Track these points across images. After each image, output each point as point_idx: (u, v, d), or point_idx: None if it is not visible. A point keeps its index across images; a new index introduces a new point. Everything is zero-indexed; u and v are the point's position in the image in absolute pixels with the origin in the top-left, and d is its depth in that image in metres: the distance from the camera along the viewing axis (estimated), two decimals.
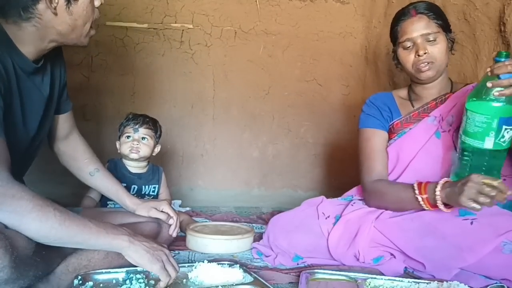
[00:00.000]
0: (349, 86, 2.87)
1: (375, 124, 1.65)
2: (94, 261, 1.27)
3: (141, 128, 1.92)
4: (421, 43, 1.49)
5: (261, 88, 2.80)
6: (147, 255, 1.15)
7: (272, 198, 2.77)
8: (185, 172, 2.76)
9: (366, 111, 1.69)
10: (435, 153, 1.54)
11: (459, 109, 1.48)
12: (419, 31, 1.49)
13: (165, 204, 1.64)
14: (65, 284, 1.20)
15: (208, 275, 1.25)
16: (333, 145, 2.86)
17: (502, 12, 1.77)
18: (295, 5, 2.78)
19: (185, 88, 2.72)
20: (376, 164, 1.59)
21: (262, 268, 1.51)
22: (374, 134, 1.64)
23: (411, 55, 1.52)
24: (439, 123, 1.55)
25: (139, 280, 1.20)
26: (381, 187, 1.54)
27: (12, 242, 0.96)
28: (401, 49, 1.55)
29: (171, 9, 2.65)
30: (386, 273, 1.40)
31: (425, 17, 1.50)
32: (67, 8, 1.20)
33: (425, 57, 1.48)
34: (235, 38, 2.74)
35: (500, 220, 1.32)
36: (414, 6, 1.54)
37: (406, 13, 1.54)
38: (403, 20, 1.54)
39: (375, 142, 1.63)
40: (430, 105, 1.59)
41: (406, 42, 1.52)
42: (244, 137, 2.83)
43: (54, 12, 1.17)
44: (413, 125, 1.59)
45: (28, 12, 1.15)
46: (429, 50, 1.49)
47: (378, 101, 1.68)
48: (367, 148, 1.63)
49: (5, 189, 1.00)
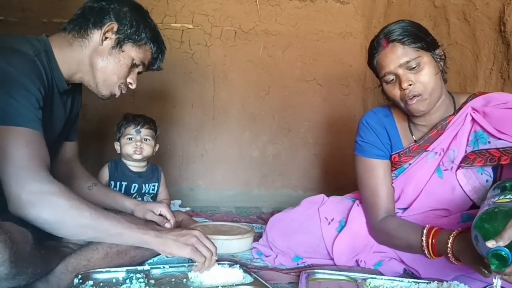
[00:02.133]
0: (349, 86, 2.87)
1: (375, 154, 1.48)
2: (94, 261, 1.27)
3: (143, 129, 1.95)
4: (402, 74, 1.31)
5: (261, 88, 2.81)
6: (176, 243, 1.20)
7: (272, 198, 2.77)
8: (185, 172, 2.76)
9: (364, 137, 1.50)
10: (440, 195, 1.42)
11: (461, 141, 1.38)
12: (395, 62, 1.31)
13: (163, 206, 1.61)
14: (65, 283, 1.20)
15: (208, 275, 1.25)
16: (333, 145, 2.86)
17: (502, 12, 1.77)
18: (295, 5, 2.78)
19: (185, 88, 2.72)
20: (382, 200, 1.44)
21: (262, 268, 1.51)
22: (376, 165, 1.47)
23: (396, 89, 1.34)
24: (441, 157, 1.41)
25: (139, 279, 1.19)
26: (389, 228, 1.40)
27: (11, 236, 0.96)
28: (384, 83, 1.38)
29: (171, 9, 2.65)
30: (386, 273, 1.39)
31: (399, 45, 1.31)
32: (111, 48, 1.34)
33: (410, 89, 1.30)
34: (235, 38, 2.74)
35: None
36: (384, 34, 1.35)
37: (377, 45, 1.36)
38: (375, 53, 1.36)
39: (378, 175, 1.46)
40: (431, 135, 1.42)
41: (387, 76, 1.34)
42: (244, 137, 2.83)
43: (100, 43, 1.33)
44: (413, 160, 1.44)
45: (85, 31, 1.32)
46: (414, 79, 1.30)
47: (376, 125, 1.49)
48: (369, 181, 1.47)
49: (45, 187, 1.06)
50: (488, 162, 1.33)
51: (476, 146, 1.36)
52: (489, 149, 1.34)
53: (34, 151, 1.09)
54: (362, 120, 1.52)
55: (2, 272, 0.94)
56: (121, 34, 1.35)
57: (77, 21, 1.34)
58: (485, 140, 1.36)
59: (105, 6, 1.35)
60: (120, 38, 1.35)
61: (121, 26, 1.35)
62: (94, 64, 1.34)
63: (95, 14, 1.33)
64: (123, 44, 1.36)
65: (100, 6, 1.35)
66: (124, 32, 1.35)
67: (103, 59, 1.34)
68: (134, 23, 1.36)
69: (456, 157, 1.38)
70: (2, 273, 0.94)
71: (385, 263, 1.44)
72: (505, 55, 1.79)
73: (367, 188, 1.47)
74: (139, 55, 1.40)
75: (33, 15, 2.48)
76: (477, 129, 1.36)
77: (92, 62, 1.34)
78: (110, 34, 1.34)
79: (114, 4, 1.36)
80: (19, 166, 1.06)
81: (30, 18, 2.48)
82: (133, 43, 1.38)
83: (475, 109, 1.37)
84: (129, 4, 1.39)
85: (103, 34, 1.32)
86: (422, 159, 1.43)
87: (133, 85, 1.43)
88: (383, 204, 1.44)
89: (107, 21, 1.33)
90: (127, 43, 1.37)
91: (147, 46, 1.41)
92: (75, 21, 1.34)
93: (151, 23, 1.44)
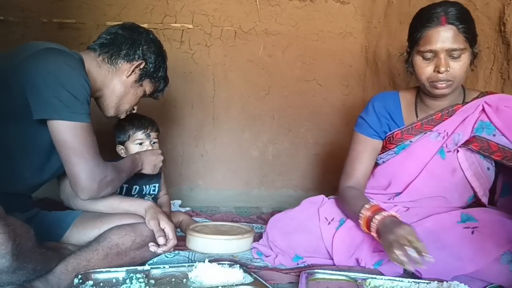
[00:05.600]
0: (349, 86, 2.87)
1: (368, 133, 1.58)
2: (93, 261, 1.27)
3: (152, 132, 1.95)
4: (444, 58, 1.32)
5: (261, 88, 2.80)
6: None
7: (272, 198, 2.77)
8: (185, 172, 2.76)
9: (364, 117, 1.60)
10: (440, 175, 1.46)
11: (467, 125, 1.42)
12: (445, 44, 1.31)
13: (166, 223, 1.45)
14: (65, 283, 1.20)
15: (208, 275, 1.25)
16: (333, 145, 2.86)
17: (502, 12, 1.77)
18: (295, 5, 2.78)
19: (185, 88, 2.72)
20: (356, 171, 1.56)
21: (262, 268, 1.51)
22: (364, 141, 1.58)
23: (429, 68, 1.36)
24: (444, 140, 1.45)
25: (139, 279, 1.20)
26: (347, 196, 1.52)
27: (14, 229, 0.97)
28: (419, 57, 1.38)
29: (171, 9, 2.65)
30: (386, 273, 1.39)
31: (455, 28, 1.30)
32: (134, 82, 1.53)
33: (444, 75, 1.33)
34: (235, 38, 2.74)
35: (502, 229, 1.30)
36: (444, 12, 1.32)
37: (434, 19, 1.32)
38: (428, 26, 1.33)
39: (362, 149, 1.58)
40: (435, 117, 1.48)
41: (428, 52, 1.34)
42: (244, 137, 2.83)
43: (128, 75, 1.50)
44: (414, 138, 1.50)
45: (116, 60, 1.48)
46: (451, 66, 1.33)
47: (381, 106, 1.56)
48: (353, 152, 1.60)
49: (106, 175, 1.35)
50: (482, 150, 1.40)
51: (479, 133, 1.42)
52: (490, 140, 1.41)
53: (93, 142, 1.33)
54: (371, 100, 1.61)
55: (3, 264, 0.95)
56: (145, 72, 1.53)
57: (109, 47, 1.47)
58: (491, 131, 1.42)
59: (137, 40, 1.51)
60: (142, 75, 1.53)
61: (147, 65, 1.53)
62: (115, 90, 1.50)
63: (127, 47, 1.49)
64: (144, 79, 1.54)
65: (133, 39, 1.50)
66: (148, 71, 1.53)
67: (124, 89, 1.51)
68: (157, 64, 1.55)
69: (460, 140, 1.44)
70: (4, 265, 0.95)
71: (385, 263, 1.44)
72: (505, 55, 1.79)
73: (349, 158, 1.61)
74: (151, 89, 1.61)
75: (33, 15, 2.48)
76: (485, 119, 1.42)
77: (114, 88, 1.50)
78: (137, 70, 1.51)
79: (144, 39, 1.52)
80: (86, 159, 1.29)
81: (30, 18, 2.48)
82: (151, 80, 1.57)
83: (489, 103, 1.42)
84: (157, 45, 1.57)
85: (132, 69, 1.49)
86: (424, 137, 1.48)
87: (135, 110, 1.64)
88: (355, 175, 1.55)
89: (137, 58, 1.50)
90: (146, 79, 1.56)
91: (159, 83, 1.62)
92: (107, 47, 1.47)
93: (166, 61, 1.63)
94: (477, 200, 1.49)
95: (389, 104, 1.56)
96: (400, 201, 1.53)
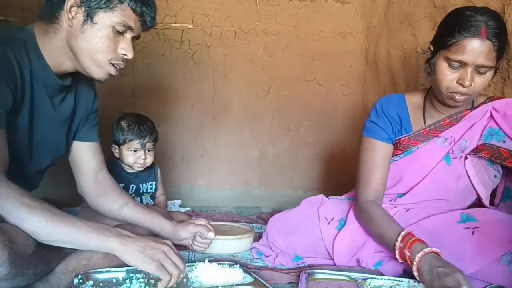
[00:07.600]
0: (349, 86, 2.87)
1: (382, 137, 1.50)
2: (94, 261, 1.27)
3: (148, 143, 1.93)
4: (471, 72, 1.27)
5: (261, 88, 2.81)
6: (140, 255, 1.11)
7: (272, 198, 2.77)
8: (185, 172, 2.76)
9: (375, 121, 1.51)
10: (444, 181, 1.44)
11: (475, 132, 1.41)
12: (477, 59, 1.25)
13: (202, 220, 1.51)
14: (65, 283, 1.20)
15: (208, 275, 1.25)
16: (333, 145, 2.86)
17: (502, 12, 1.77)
18: (295, 5, 2.78)
19: (185, 88, 2.72)
20: (374, 180, 1.47)
21: (262, 268, 1.51)
22: (379, 146, 1.49)
23: (452, 76, 1.30)
24: (450, 146, 1.43)
25: (139, 279, 1.19)
26: (373, 212, 1.42)
27: (11, 237, 0.96)
28: (445, 63, 1.31)
29: (171, 9, 2.65)
30: (386, 273, 1.39)
31: (491, 45, 1.24)
32: (82, 25, 1.18)
33: (466, 89, 1.29)
34: (235, 38, 2.74)
35: (502, 229, 1.30)
36: (486, 24, 1.24)
37: (474, 30, 1.24)
38: (465, 36, 1.25)
39: (378, 156, 1.49)
40: (443, 123, 1.45)
41: (457, 62, 1.28)
42: (244, 137, 2.83)
43: (70, 24, 1.18)
44: (421, 144, 1.47)
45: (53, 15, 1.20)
46: (475, 81, 1.29)
47: (389, 109, 1.50)
48: (368, 160, 1.49)
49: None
50: (493, 157, 1.38)
51: (489, 141, 1.41)
52: (501, 147, 1.39)
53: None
54: (376, 104, 1.54)
55: (1, 272, 0.94)
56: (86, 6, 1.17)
57: (45, 6, 1.22)
58: (500, 138, 1.41)
59: None
60: (87, 10, 1.17)
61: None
62: (73, 48, 1.20)
63: None
64: (93, 15, 1.17)
65: None
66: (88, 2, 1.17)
67: (79, 40, 1.19)
68: None
69: (467, 147, 1.42)
70: (2, 273, 0.94)
71: (385, 263, 1.44)
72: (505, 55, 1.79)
73: (364, 166, 1.50)
74: (117, 20, 1.19)
75: (33, 15, 2.43)
76: (494, 126, 1.41)
77: (71, 47, 1.20)
78: (75, 9, 1.17)
79: None
80: None
81: (30, 18, 2.45)
82: (104, 9, 1.18)
83: (496, 109, 1.41)
84: None
85: (67, 12, 1.17)
86: (430, 143, 1.46)
87: (128, 54, 1.24)
88: (375, 185, 1.46)
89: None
90: (97, 12, 1.18)
91: (122, 5, 1.19)
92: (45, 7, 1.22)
93: None
94: (479, 201, 1.49)
95: (397, 109, 1.51)
96: (402, 203, 1.52)
